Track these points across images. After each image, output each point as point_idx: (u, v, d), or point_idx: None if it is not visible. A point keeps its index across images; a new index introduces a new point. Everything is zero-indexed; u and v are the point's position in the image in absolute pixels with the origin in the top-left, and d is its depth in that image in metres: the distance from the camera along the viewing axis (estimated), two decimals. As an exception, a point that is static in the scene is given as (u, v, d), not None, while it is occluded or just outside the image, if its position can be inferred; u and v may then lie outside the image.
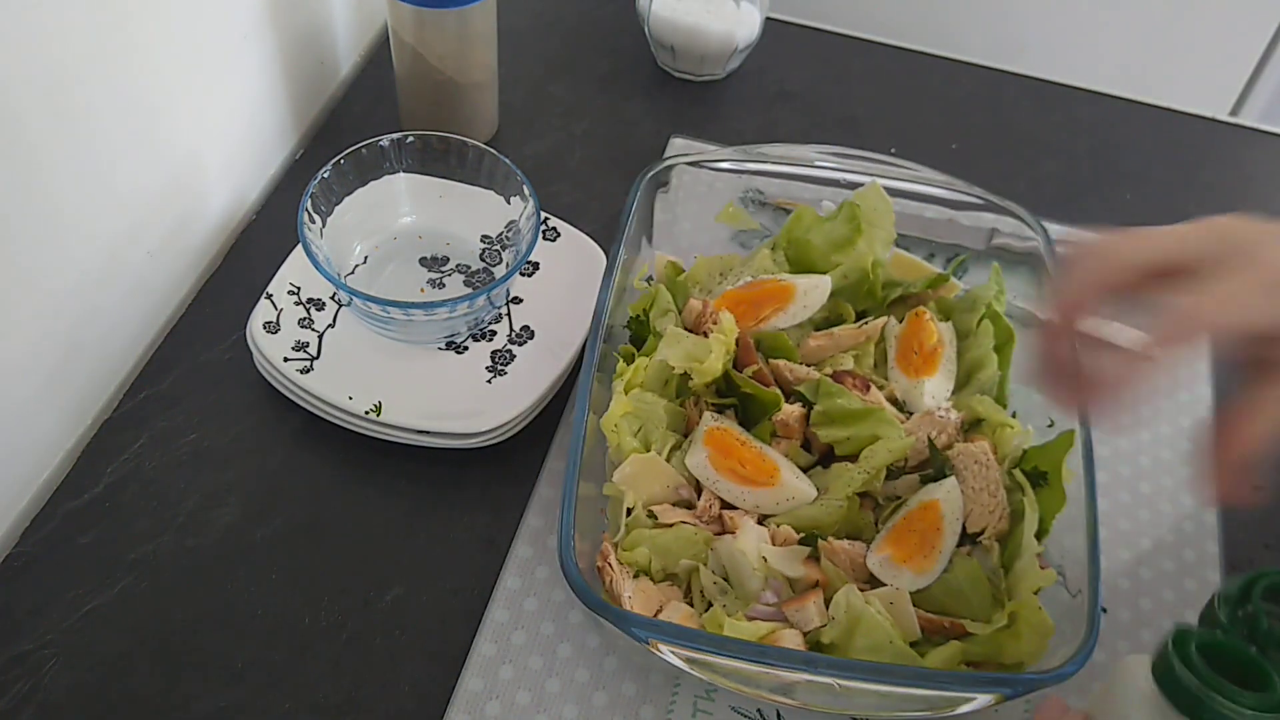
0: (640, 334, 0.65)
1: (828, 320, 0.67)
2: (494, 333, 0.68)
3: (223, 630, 0.58)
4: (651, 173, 0.67)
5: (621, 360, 0.62)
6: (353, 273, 0.70)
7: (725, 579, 0.56)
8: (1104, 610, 0.63)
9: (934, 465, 0.59)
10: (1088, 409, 0.53)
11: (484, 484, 0.65)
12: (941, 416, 0.60)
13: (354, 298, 0.63)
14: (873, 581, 0.56)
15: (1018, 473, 0.58)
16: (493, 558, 0.62)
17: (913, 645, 0.53)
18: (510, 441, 0.65)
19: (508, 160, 0.69)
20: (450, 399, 0.65)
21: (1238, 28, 1.13)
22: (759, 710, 0.58)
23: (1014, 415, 0.62)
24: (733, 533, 0.56)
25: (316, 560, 0.61)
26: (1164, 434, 0.71)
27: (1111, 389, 0.46)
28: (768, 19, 0.90)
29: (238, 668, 0.57)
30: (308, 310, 0.68)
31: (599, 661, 0.59)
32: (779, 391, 0.61)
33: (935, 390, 0.63)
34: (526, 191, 0.68)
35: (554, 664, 0.58)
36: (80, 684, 0.56)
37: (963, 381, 0.64)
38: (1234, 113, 1.18)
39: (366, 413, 0.63)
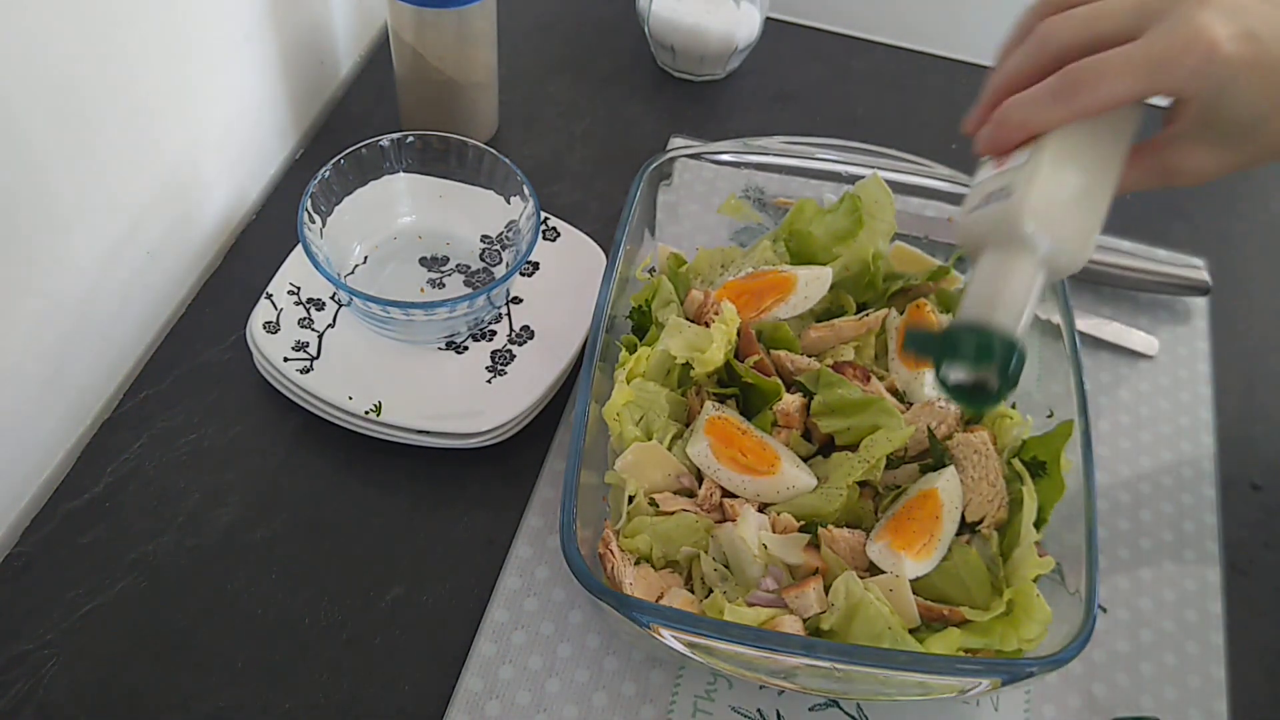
0: (642, 324, 0.65)
1: (829, 312, 0.67)
2: (494, 333, 0.68)
3: (223, 630, 0.58)
4: (654, 164, 0.67)
5: (624, 350, 0.62)
6: (353, 273, 0.70)
7: (726, 566, 0.57)
8: (1103, 610, 0.63)
9: (934, 455, 0.59)
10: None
11: (484, 484, 0.65)
12: (941, 407, 0.60)
13: (354, 298, 0.63)
14: (872, 569, 0.56)
15: (1017, 462, 0.58)
16: (493, 558, 0.62)
17: (912, 632, 0.53)
18: (510, 441, 0.65)
19: (508, 160, 0.69)
20: (450, 399, 0.65)
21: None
22: (759, 710, 0.58)
23: (1013, 406, 0.62)
24: (733, 520, 0.57)
25: (316, 560, 0.61)
26: (1164, 434, 0.71)
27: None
28: (768, 19, 0.90)
29: (238, 668, 0.57)
30: (308, 310, 0.68)
31: (599, 661, 0.59)
32: (780, 381, 0.61)
33: (935, 381, 0.63)
34: (526, 191, 0.68)
35: (554, 664, 0.58)
36: (80, 684, 0.56)
37: (963, 373, 0.64)
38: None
39: (366, 413, 0.63)
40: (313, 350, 0.66)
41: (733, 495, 0.58)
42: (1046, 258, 0.47)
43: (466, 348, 0.68)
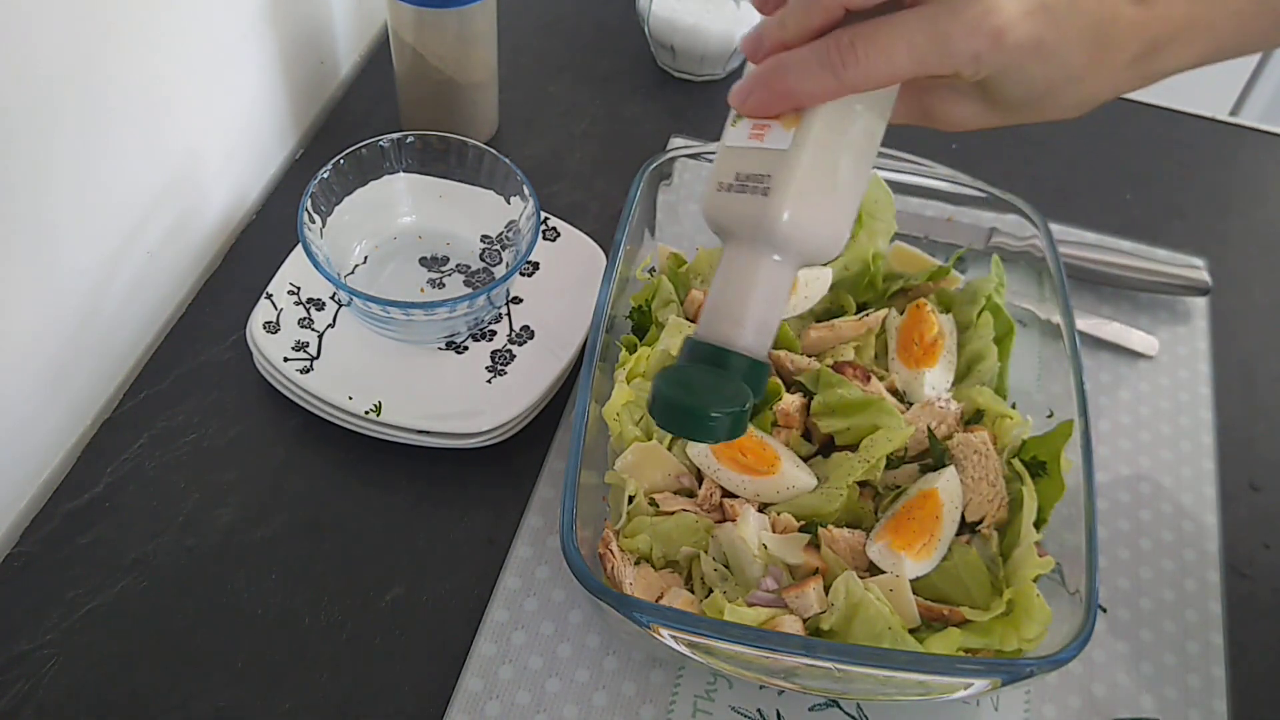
0: (642, 324, 0.65)
1: (829, 312, 0.67)
2: (494, 333, 0.68)
3: (223, 630, 0.58)
4: (654, 164, 0.67)
5: (624, 350, 0.62)
6: (353, 273, 0.70)
7: (726, 566, 0.57)
8: (1103, 610, 0.63)
9: (934, 455, 0.59)
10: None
11: (484, 484, 0.65)
12: (941, 407, 0.60)
13: (354, 298, 0.63)
14: (872, 569, 0.56)
15: (1017, 462, 0.58)
16: (493, 558, 0.62)
17: (912, 632, 0.53)
18: (510, 441, 0.65)
19: (508, 160, 0.69)
20: (450, 399, 0.65)
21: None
22: (759, 710, 0.58)
23: (1014, 406, 0.62)
24: (733, 520, 0.57)
25: (316, 560, 0.61)
26: (1164, 434, 0.71)
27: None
28: (768, 19, 0.90)
29: (238, 668, 0.57)
30: (308, 310, 0.68)
31: (599, 661, 0.59)
32: (780, 381, 0.61)
33: (935, 381, 0.63)
34: (526, 191, 0.68)
35: (554, 664, 0.58)
36: (80, 684, 0.56)
37: (963, 373, 0.64)
38: (1234, 113, 1.18)
39: (366, 413, 0.63)
40: (313, 350, 0.66)
41: (733, 495, 0.58)
42: (801, 255, 0.44)
43: (466, 348, 0.68)
